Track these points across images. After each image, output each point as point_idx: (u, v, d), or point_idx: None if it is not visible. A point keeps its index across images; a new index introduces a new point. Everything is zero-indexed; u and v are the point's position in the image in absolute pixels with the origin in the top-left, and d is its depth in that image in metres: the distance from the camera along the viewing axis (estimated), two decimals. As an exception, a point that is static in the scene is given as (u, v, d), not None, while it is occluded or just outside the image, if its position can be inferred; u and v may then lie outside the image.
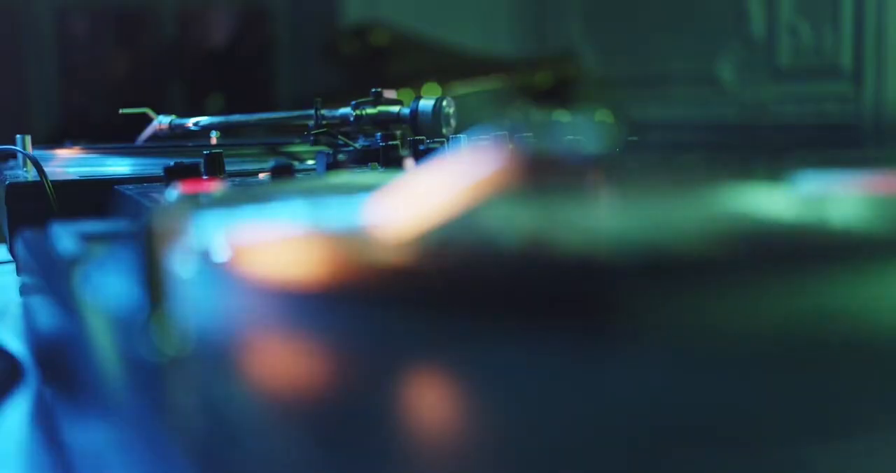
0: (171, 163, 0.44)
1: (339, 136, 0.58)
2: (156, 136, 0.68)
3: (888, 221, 0.24)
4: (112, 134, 0.81)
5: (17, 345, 0.35)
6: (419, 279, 0.21)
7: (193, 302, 0.22)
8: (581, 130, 0.25)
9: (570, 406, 0.15)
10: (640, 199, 0.29)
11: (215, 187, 0.39)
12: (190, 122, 0.66)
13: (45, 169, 0.53)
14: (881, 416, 0.15)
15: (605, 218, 0.26)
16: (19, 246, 0.36)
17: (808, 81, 1.50)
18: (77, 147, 0.64)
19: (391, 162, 0.50)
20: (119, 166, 0.60)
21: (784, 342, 0.18)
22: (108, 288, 0.25)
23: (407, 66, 1.68)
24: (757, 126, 1.48)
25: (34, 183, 0.52)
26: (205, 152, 0.47)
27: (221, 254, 0.24)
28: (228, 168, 0.48)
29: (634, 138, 0.24)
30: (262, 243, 0.25)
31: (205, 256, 0.24)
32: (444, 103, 0.57)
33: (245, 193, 0.39)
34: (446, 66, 1.65)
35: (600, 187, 0.27)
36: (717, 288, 0.20)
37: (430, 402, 0.17)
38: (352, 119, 0.58)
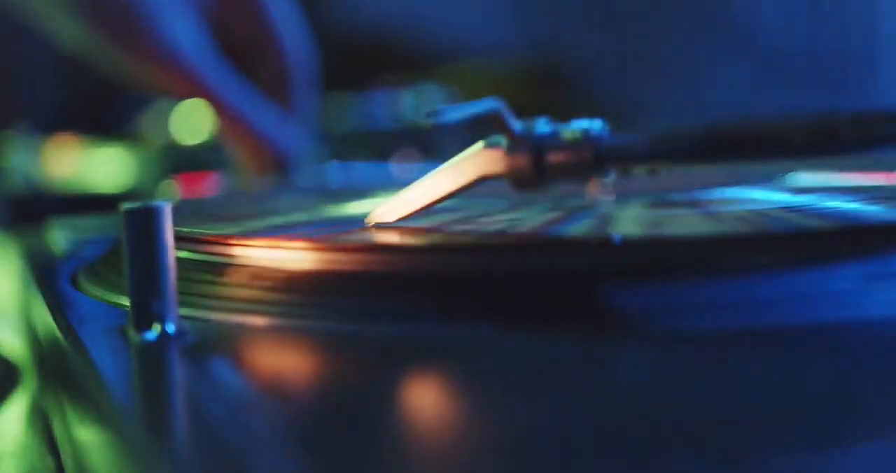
0: None
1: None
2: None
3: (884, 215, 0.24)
4: (111, 120, 0.81)
5: (14, 345, 0.35)
6: (413, 273, 0.21)
7: (188, 296, 0.22)
8: (577, 125, 0.25)
9: (565, 406, 0.15)
10: (636, 195, 0.29)
11: (212, 187, 0.39)
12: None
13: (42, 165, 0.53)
14: (879, 417, 0.15)
15: (600, 212, 0.26)
16: (17, 246, 0.36)
17: (802, 79, 1.50)
18: (75, 134, 0.63)
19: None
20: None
21: (781, 340, 0.18)
22: (105, 286, 0.25)
23: (405, 65, 1.68)
24: (752, 122, 1.48)
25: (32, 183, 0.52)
26: None
27: (217, 247, 0.24)
28: None
29: (631, 131, 0.24)
30: (258, 235, 0.25)
31: (200, 247, 0.24)
32: (443, 102, 0.57)
33: (243, 190, 0.38)
34: (443, 65, 1.65)
35: (596, 180, 0.27)
36: (714, 285, 0.20)
37: (421, 399, 0.16)
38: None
